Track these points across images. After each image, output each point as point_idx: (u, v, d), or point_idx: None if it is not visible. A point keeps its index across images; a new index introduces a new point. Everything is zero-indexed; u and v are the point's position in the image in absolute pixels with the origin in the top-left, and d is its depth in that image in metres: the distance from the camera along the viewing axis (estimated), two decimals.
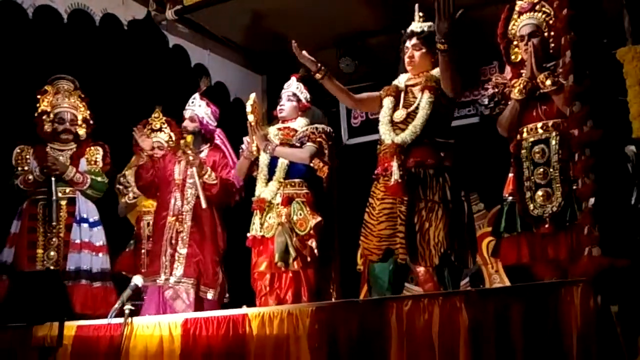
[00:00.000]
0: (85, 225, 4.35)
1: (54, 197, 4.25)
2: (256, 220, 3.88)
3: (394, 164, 3.23)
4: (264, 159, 3.96)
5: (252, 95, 4.03)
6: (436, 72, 3.43)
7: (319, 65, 3.51)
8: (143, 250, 4.67)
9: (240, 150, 4.17)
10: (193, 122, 4.37)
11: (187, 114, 4.41)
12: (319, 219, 3.76)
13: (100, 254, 4.37)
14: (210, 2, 4.70)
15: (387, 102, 3.47)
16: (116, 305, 3.58)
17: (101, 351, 3.56)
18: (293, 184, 3.87)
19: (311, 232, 3.74)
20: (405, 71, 3.51)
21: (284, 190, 3.84)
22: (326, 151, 3.93)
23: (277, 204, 3.81)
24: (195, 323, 3.35)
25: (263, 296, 3.79)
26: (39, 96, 4.52)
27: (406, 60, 3.47)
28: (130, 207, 4.88)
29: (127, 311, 3.51)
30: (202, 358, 3.29)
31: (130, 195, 4.71)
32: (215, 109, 4.49)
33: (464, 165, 3.43)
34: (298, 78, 4.11)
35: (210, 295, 4.15)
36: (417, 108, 3.36)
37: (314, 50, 5.22)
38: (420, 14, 3.51)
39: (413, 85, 3.48)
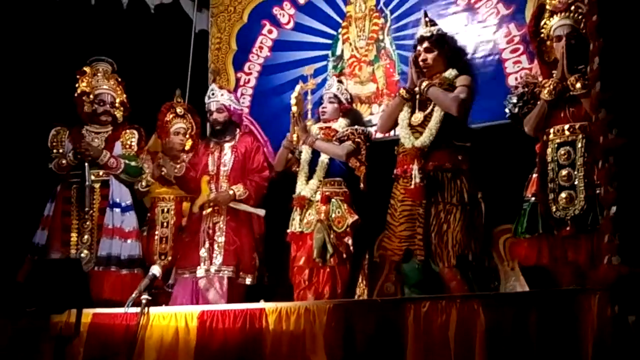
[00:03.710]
0: (118, 210, 4.54)
1: (87, 183, 4.43)
2: (296, 216, 4.14)
3: (414, 168, 3.50)
4: (305, 157, 4.22)
5: (297, 87, 4.27)
6: (449, 73, 3.68)
7: None
8: (157, 237, 4.83)
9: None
10: (221, 112, 4.63)
11: (212, 106, 4.65)
12: (356, 217, 4.01)
13: (129, 240, 4.56)
14: None
15: (405, 106, 3.72)
16: (133, 295, 3.79)
17: (116, 340, 3.78)
18: (332, 182, 4.12)
19: (348, 229, 3.98)
20: (424, 76, 3.71)
21: (323, 188, 4.10)
22: (363, 152, 4.14)
23: (317, 202, 4.07)
24: (212, 315, 3.56)
25: (302, 290, 4.04)
26: (78, 76, 4.70)
27: (420, 63, 3.71)
28: (144, 194, 4.98)
29: (144, 301, 3.72)
30: (217, 351, 3.51)
31: (144, 183, 4.84)
32: (234, 92, 4.74)
33: (481, 166, 3.66)
34: (338, 78, 4.40)
35: (248, 280, 4.44)
36: (432, 110, 3.59)
37: None
38: (427, 19, 3.80)
39: None
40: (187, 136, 4.89)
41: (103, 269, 4.43)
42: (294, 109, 4.20)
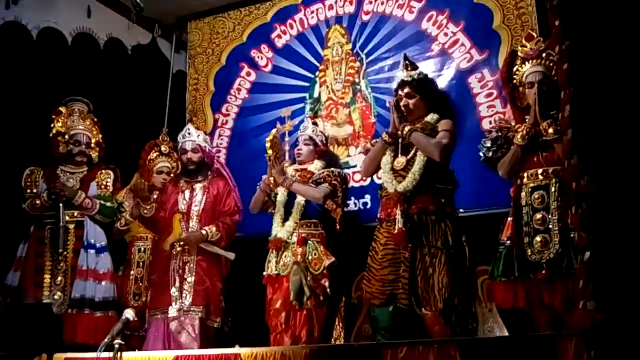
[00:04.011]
0: (92, 251, 4.47)
1: (62, 223, 4.37)
2: (272, 258, 4.13)
3: (398, 212, 3.49)
4: (281, 199, 4.22)
5: (273, 131, 4.31)
6: (431, 117, 3.72)
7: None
8: (132, 277, 4.81)
9: (258, 184, 4.39)
10: (197, 152, 4.66)
11: (188, 145, 4.66)
12: (333, 259, 4.01)
13: (104, 282, 4.47)
14: None
15: (388, 150, 3.74)
16: (106, 340, 3.71)
17: None
18: (309, 224, 4.13)
19: (324, 271, 3.98)
20: (406, 120, 3.74)
21: (299, 230, 4.10)
22: (340, 194, 4.17)
23: (293, 244, 4.07)
24: None
25: (279, 334, 4.01)
26: (53, 116, 4.67)
27: (402, 108, 3.74)
28: (123, 232, 4.96)
29: (116, 345, 3.65)
30: None
31: (122, 221, 4.80)
32: (209, 135, 4.78)
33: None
34: (313, 120, 4.46)
35: (216, 324, 4.40)
36: (415, 155, 3.62)
37: None
38: (407, 62, 3.84)
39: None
40: (172, 175, 4.89)
41: (77, 311, 4.33)
42: (269, 152, 4.23)
